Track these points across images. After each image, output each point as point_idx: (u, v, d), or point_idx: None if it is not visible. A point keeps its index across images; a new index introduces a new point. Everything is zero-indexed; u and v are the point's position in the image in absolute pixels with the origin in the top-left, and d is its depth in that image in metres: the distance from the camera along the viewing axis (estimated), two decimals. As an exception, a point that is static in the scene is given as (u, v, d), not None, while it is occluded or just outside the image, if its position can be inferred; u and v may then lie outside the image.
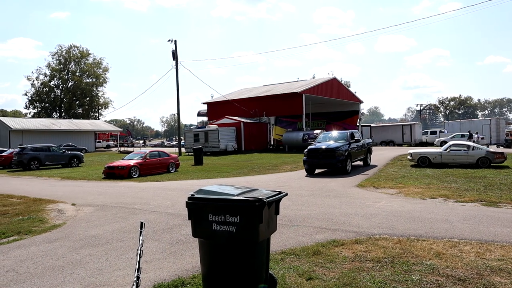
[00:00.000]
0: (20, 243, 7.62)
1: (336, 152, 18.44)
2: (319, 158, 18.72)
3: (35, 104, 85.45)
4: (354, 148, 19.92)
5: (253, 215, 4.00)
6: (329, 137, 21.05)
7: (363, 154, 21.66)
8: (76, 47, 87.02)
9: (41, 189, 16.98)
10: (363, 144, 21.57)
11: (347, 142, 19.53)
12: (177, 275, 5.42)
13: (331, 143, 19.51)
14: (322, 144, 19.70)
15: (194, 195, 4.29)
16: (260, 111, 43.11)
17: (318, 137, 21.67)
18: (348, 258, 6.00)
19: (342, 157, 18.44)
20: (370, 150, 23.09)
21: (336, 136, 20.76)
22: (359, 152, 20.78)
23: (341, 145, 18.98)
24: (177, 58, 38.78)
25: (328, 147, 18.79)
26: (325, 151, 18.73)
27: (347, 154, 18.83)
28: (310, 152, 19.09)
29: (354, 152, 19.87)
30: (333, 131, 23.04)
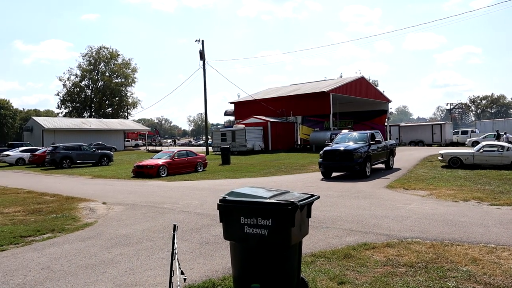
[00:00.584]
0: (54, 241, 7.80)
1: (354, 154, 17.20)
2: (336, 160, 17.55)
3: (67, 104, 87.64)
4: (374, 150, 18.62)
5: (285, 219, 3.96)
6: (348, 137, 19.67)
7: (385, 156, 20.26)
8: (105, 48, 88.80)
9: (73, 187, 17.38)
10: (385, 146, 20.25)
11: (366, 144, 18.31)
12: (208, 276, 5.43)
13: (349, 144, 18.27)
14: (339, 145, 18.53)
15: (225, 197, 4.28)
16: (287, 110, 42.95)
17: (336, 138, 20.40)
18: (380, 262, 5.88)
19: (361, 160, 17.20)
20: (393, 152, 21.65)
21: (355, 137, 19.39)
22: (380, 154, 19.45)
23: (359, 147, 17.77)
24: (204, 58, 39.05)
25: (345, 149, 17.59)
26: (342, 153, 17.50)
27: (366, 156, 17.61)
28: (326, 154, 17.91)
29: (374, 154, 18.61)
30: (352, 132, 21.91)
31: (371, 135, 19.07)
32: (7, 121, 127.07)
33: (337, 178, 17.77)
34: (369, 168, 17.85)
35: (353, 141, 18.78)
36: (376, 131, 20.98)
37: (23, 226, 9.15)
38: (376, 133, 19.93)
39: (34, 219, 10.01)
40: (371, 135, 19.17)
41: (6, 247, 7.44)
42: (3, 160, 36.13)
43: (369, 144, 18.36)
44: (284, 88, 51.66)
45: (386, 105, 49.80)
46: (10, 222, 9.75)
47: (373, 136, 19.20)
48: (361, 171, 17.25)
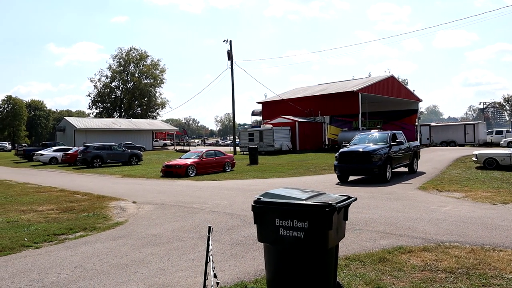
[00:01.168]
0: (86, 239, 7.87)
1: (373, 156, 15.73)
2: (353, 162, 16.12)
3: (97, 104, 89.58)
4: (395, 152, 17.10)
5: (322, 221, 3.82)
6: (367, 138, 18.16)
7: (408, 159, 18.58)
8: (135, 49, 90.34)
9: (103, 186, 17.63)
10: (408, 148, 18.58)
11: (387, 145, 16.80)
12: (239, 278, 5.33)
13: (368, 146, 16.80)
14: (357, 146, 17.05)
15: (260, 198, 4.17)
16: (315, 110, 42.58)
17: (354, 139, 18.83)
18: (417, 266, 5.65)
19: (380, 162, 15.73)
20: (417, 154, 19.97)
21: (375, 138, 17.94)
22: (402, 156, 17.87)
23: (379, 148, 16.28)
24: (232, 58, 39.11)
25: (364, 150, 16.12)
26: (360, 154, 16.04)
27: (387, 159, 16.12)
28: (342, 156, 16.47)
29: (395, 157, 17.05)
30: (372, 132, 20.55)
31: (392, 136, 17.58)
32: (41, 121, 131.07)
33: (354, 182, 16.55)
34: (390, 172, 16.40)
35: (373, 142, 17.35)
36: (398, 131, 19.60)
37: (56, 224, 9.29)
38: (398, 134, 18.46)
39: (67, 217, 10.16)
40: (393, 135, 17.69)
41: (41, 244, 7.55)
42: (37, 159, 37.12)
43: (390, 145, 16.93)
44: (312, 87, 51.25)
45: (417, 105, 48.71)
46: (44, 220, 9.92)
47: (395, 137, 17.73)
48: (381, 175, 15.83)
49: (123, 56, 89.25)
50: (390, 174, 16.44)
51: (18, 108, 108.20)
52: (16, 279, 5.58)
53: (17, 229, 8.78)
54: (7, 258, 6.64)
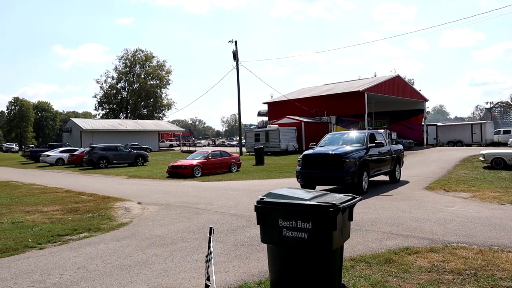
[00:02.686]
0: (90, 240, 7.84)
1: (344, 160, 12.68)
2: (320, 168, 13.07)
3: (104, 105, 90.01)
4: (374, 156, 14.18)
5: (326, 221, 3.74)
6: (340, 138, 15.26)
7: (389, 165, 15.53)
8: (141, 51, 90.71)
9: (109, 187, 17.64)
10: (389, 151, 15.51)
11: (363, 147, 13.82)
12: (243, 280, 5.26)
13: (340, 147, 13.84)
14: (326, 148, 14.09)
15: (263, 198, 4.10)
16: (321, 110, 42.45)
17: (323, 138, 15.75)
18: (424, 268, 5.56)
19: (354, 168, 12.69)
20: (401, 160, 16.72)
21: (349, 138, 14.96)
22: (382, 162, 14.93)
23: (353, 150, 13.35)
24: (237, 59, 39.07)
25: (333, 153, 13.02)
26: (329, 158, 12.99)
27: (362, 164, 13.17)
28: (306, 160, 13.44)
29: (374, 162, 14.14)
30: (346, 131, 17.76)
31: (370, 136, 14.60)
32: (48, 122, 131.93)
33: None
34: (366, 181, 13.51)
35: (346, 143, 14.50)
36: (378, 131, 17.01)
37: (61, 225, 9.27)
38: (377, 134, 15.40)
39: (72, 218, 10.14)
40: (371, 135, 14.73)
41: (44, 245, 7.53)
42: (44, 160, 37.31)
43: (367, 147, 13.92)
44: (318, 88, 51.10)
45: (423, 104, 48.43)
46: (49, 220, 9.91)
47: (373, 137, 14.75)
48: (355, 185, 12.80)
49: (129, 57, 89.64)
50: (367, 183, 13.54)
51: (25, 109, 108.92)
52: (18, 280, 5.55)
53: (22, 230, 8.77)
54: (11, 259, 6.62)
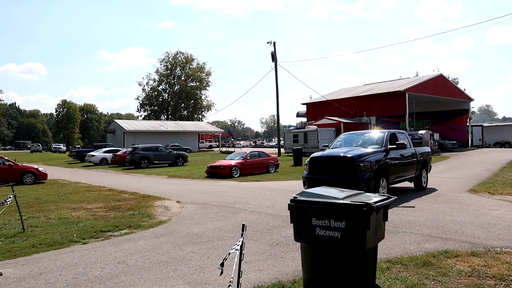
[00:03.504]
0: (130, 237, 8.10)
1: (358, 164, 10.96)
2: (329, 174, 11.40)
3: (145, 107, 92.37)
4: (394, 159, 12.35)
5: (359, 221, 3.72)
6: (355, 139, 13.53)
7: (414, 170, 13.56)
8: (181, 53, 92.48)
9: (150, 186, 18.10)
10: (413, 154, 13.59)
11: (381, 148, 12.14)
12: (277, 278, 5.30)
13: (353, 149, 12.11)
14: (337, 150, 12.39)
15: (296, 197, 4.12)
16: (360, 111, 41.86)
17: (337, 139, 14.18)
18: (464, 272, 5.40)
19: (370, 174, 10.92)
20: (427, 164, 14.70)
21: (366, 139, 13.24)
22: (405, 166, 13.04)
23: (369, 153, 11.57)
24: (276, 60, 39.11)
25: (345, 155, 11.35)
26: (340, 162, 11.31)
27: (380, 169, 11.36)
28: (314, 164, 11.82)
29: (394, 166, 12.32)
30: (364, 131, 15.97)
31: (390, 136, 12.85)
32: (93, 124, 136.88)
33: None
34: (386, 188, 11.70)
35: (362, 145, 12.78)
36: (401, 131, 15.02)
37: (103, 222, 9.62)
38: (400, 134, 13.67)
39: (114, 215, 10.50)
40: (391, 135, 12.98)
41: (88, 240, 7.85)
42: (89, 160, 38.74)
43: (387, 149, 12.19)
44: (358, 88, 50.41)
45: (468, 104, 46.81)
46: (92, 217, 10.30)
47: (394, 138, 12.99)
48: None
49: (170, 60, 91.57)
50: (386, 191, 11.65)
51: (72, 111, 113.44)
52: (63, 272, 5.82)
53: (67, 226, 9.17)
54: (57, 252, 6.95)
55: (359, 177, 10.82)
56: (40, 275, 5.72)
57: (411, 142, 13.95)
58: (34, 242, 7.59)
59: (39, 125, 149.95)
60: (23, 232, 8.51)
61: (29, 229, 8.82)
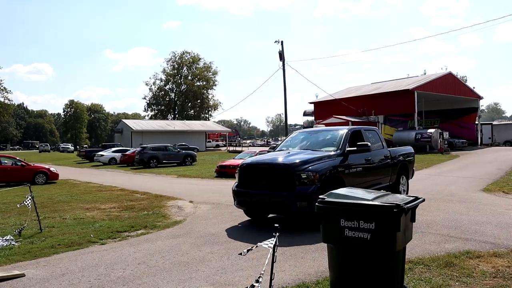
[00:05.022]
0: (147, 237, 8.11)
1: (296, 175, 8.03)
2: (262, 187, 8.46)
3: (152, 107, 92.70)
4: (355, 166, 9.34)
5: (390, 222, 3.70)
6: (307, 139, 10.55)
7: (387, 176, 10.77)
8: (187, 53, 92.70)
9: (160, 185, 18.14)
10: (386, 157, 10.83)
11: (336, 152, 9.10)
12: (300, 279, 5.28)
13: (296, 154, 9.06)
14: (274, 154, 9.53)
15: (324, 198, 4.10)
16: (368, 109, 41.75)
17: (286, 139, 11.36)
18: (488, 273, 5.35)
19: (313, 188, 7.97)
20: (408, 168, 12.07)
21: (320, 138, 10.31)
22: (373, 173, 10.14)
23: (315, 159, 8.55)
24: (284, 59, 39.04)
25: (281, 162, 8.54)
26: (272, 171, 8.52)
27: (330, 179, 8.39)
28: (243, 173, 9.00)
29: (355, 175, 9.28)
30: (321, 128, 12.77)
31: (351, 135, 9.92)
32: (100, 124, 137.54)
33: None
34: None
35: (313, 146, 9.81)
36: (371, 127, 12.10)
37: (119, 222, 9.64)
38: (369, 132, 10.89)
39: (128, 215, 10.52)
40: (352, 134, 10.05)
41: (105, 241, 7.87)
42: (97, 159, 38.94)
43: (344, 153, 9.16)
44: (365, 86, 50.26)
45: (477, 102, 46.50)
46: (107, 217, 10.33)
47: (357, 138, 10.19)
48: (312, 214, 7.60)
49: (176, 59, 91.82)
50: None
51: (80, 111, 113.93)
52: (85, 273, 5.83)
53: (83, 226, 9.20)
54: (76, 253, 6.97)
55: (298, 193, 7.89)
56: (62, 276, 5.74)
57: (384, 141, 11.28)
58: (52, 243, 7.62)
59: (47, 125, 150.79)
60: (40, 233, 8.55)
61: (46, 229, 8.86)
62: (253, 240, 7.46)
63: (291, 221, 9.18)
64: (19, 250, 7.15)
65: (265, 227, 8.54)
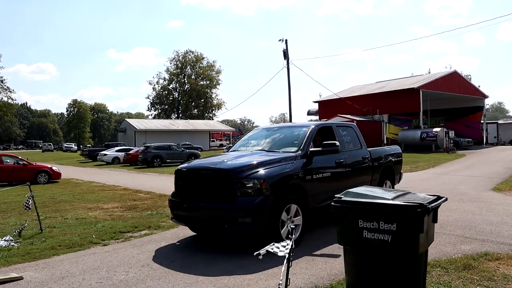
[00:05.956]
0: (151, 238, 7.86)
1: (237, 183, 6.39)
2: (198, 197, 6.77)
3: (156, 106, 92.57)
4: (321, 171, 7.61)
5: (413, 223, 3.43)
6: (267, 136, 8.86)
7: (368, 182, 8.99)
8: (191, 52, 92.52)
9: (164, 185, 17.88)
10: (364, 159, 9.10)
11: (297, 153, 7.43)
12: (313, 283, 5.01)
13: (243, 156, 7.51)
14: (223, 157, 7.82)
15: (341, 197, 3.83)
16: (373, 108, 41.35)
17: (243, 138, 9.85)
18: (510, 276, 5.07)
19: (259, 200, 6.29)
20: (393, 172, 10.39)
21: (280, 137, 8.64)
22: (346, 178, 8.26)
23: (267, 162, 6.90)
24: (288, 58, 38.69)
25: (218, 167, 6.88)
26: (209, 178, 6.83)
27: (285, 188, 6.74)
28: (180, 179, 7.38)
29: (320, 182, 7.55)
30: (280, 124, 10.78)
31: (317, 132, 8.29)
32: (103, 123, 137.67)
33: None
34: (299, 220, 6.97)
35: (274, 146, 8.17)
36: (346, 124, 10.50)
37: (122, 222, 9.40)
38: (341, 129, 9.01)
39: (131, 215, 10.28)
40: (319, 131, 8.43)
41: (108, 242, 7.62)
42: (101, 159, 38.77)
43: (307, 154, 7.51)
44: (370, 85, 49.85)
45: (482, 101, 46.03)
46: (110, 217, 10.09)
47: (324, 136, 8.59)
48: (262, 232, 6.41)
49: (180, 58, 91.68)
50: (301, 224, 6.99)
51: (83, 111, 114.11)
52: (86, 276, 5.58)
53: (85, 226, 8.96)
54: (77, 255, 6.72)
55: (239, 206, 6.22)
56: (62, 279, 5.49)
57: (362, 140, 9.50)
58: (53, 244, 7.38)
59: (50, 125, 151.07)
60: (41, 233, 8.31)
61: (47, 230, 8.63)
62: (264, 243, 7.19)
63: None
64: (18, 251, 6.91)
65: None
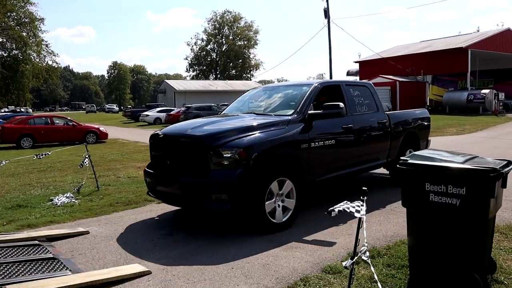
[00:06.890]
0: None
1: (211, 153, 5.21)
2: (170, 170, 5.83)
3: (194, 67, 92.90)
4: (322, 138, 6.20)
5: (484, 187, 3.35)
6: (266, 98, 7.68)
7: (384, 151, 7.74)
8: (229, 12, 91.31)
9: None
10: (380, 124, 7.56)
11: (293, 116, 6.05)
12: (370, 243, 5.03)
13: (232, 118, 6.44)
14: (206, 121, 6.41)
15: (407, 160, 3.77)
16: (417, 69, 39.94)
17: (238, 99, 8.71)
18: None
19: (237, 173, 5.13)
20: (417, 138, 8.76)
21: (278, 98, 7.28)
22: (357, 146, 6.98)
23: (255, 126, 5.64)
24: (329, 16, 37.63)
25: (191, 134, 5.66)
26: (181, 146, 5.68)
27: (274, 160, 5.55)
28: (154, 147, 6.48)
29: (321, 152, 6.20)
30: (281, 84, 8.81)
31: (320, 92, 6.80)
32: (143, 84, 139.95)
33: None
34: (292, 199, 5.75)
35: (271, 109, 6.99)
36: (359, 82, 9.98)
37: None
38: (352, 89, 7.47)
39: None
40: (322, 90, 6.90)
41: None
42: (143, 119, 39.68)
43: (305, 118, 6.09)
44: (414, 45, 47.94)
45: (537, 61, 43.42)
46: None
47: (330, 96, 7.32)
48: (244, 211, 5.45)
49: (218, 19, 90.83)
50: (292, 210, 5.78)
51: (123, 73, 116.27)
52: (148, 231, 5.84)
53: (138, 184, 9.27)
54: (135, 211, 6.99)
55: (213, 180, 5.17)
56: (125, 233, 5.77)
57: (380, 102, 8.09)
58: (111, 201, 7.71)
59: (92, 87, 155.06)
60: (97, 191, 8.69)
61: (103, 187, 8.99)
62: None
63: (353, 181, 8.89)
64: (80, 208, 7.27)
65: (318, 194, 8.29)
